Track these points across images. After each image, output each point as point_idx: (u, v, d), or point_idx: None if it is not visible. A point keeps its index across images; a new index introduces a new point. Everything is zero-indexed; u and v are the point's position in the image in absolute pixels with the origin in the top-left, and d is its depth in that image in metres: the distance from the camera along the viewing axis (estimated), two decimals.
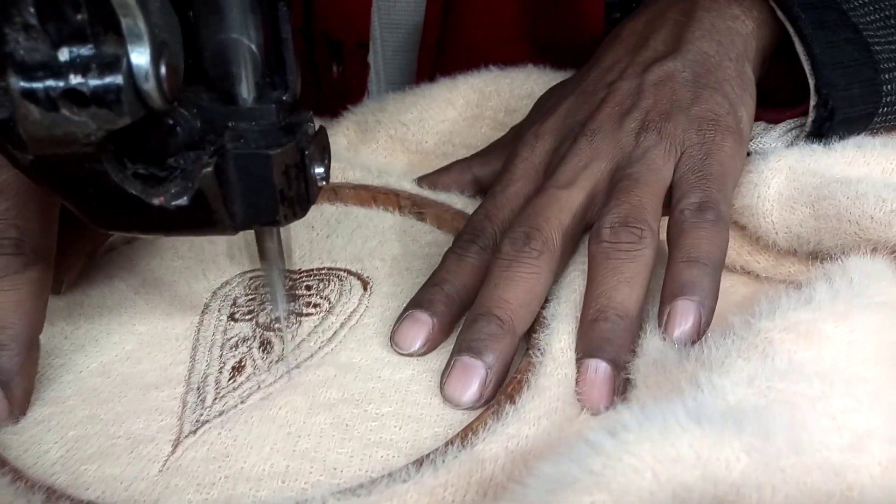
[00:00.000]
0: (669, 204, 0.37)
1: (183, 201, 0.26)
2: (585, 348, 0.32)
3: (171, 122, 0.26)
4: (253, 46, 0.26)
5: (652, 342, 0.31)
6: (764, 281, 0.39)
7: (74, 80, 0.22)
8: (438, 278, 0.37)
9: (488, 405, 0.31)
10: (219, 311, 0.39)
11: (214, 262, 0.43)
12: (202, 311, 0.39)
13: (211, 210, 0.26)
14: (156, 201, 0.26)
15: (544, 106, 0.47)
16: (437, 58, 0.58)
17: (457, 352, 0.33)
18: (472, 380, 0.32)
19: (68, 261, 0.39)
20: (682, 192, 0.36)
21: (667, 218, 0.36)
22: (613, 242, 0.34)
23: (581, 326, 0.33)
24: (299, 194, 0.27)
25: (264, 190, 0.27)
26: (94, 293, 0.41)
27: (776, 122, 0.45)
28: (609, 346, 0.32)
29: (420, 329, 0.35)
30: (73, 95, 0.22)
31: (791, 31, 0.42)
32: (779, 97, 0.45)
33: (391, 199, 0.47)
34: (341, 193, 0.48)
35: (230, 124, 0.26)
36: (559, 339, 0.33)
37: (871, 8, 0.44)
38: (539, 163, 0.41)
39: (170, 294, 0.41)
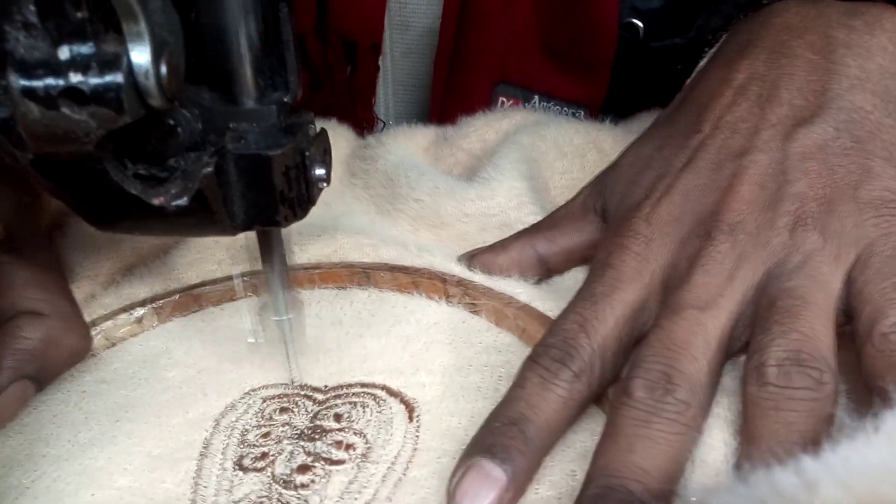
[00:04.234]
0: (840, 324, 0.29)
1: (183, 202, 0.26)
2: None
3: (171, 122, 0.26)
4: (253, 46, 0.25)
5: None
6: None
7: (74, 78, 0.22)
8: (515, 413, 0.28)
9: None
10: (223, 452, 0.30)
11: (218, 372, 0.34)
12: (201, 454, 0.30)
13: (211, 210, 0.26)
14: (156, 201, 0.26)
15: (636, 167, 0.37)
16: (452, 65, 0.58)
17: None
18: None
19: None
20: (874, 308, 0.27)
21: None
22: (783, 387, 0.26)
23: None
24: (300, 195, 0.27)
25: (265, 191, 0.27)
26: (63, 422, 0.31)
27: None
28: None
29: (490, 488, 0.26)
30: (73, 94, 0.22)
31: None
32: None
33: (436, 286, 0.38)
34: (374, 277, 0.39)
35: (231, 125, 0.26)
36: None
37: None
38: (657, 263, 0.32)
39: (160, 424, 0.31)
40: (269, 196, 0.27)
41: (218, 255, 0.41)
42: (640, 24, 0.54)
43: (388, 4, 0.57)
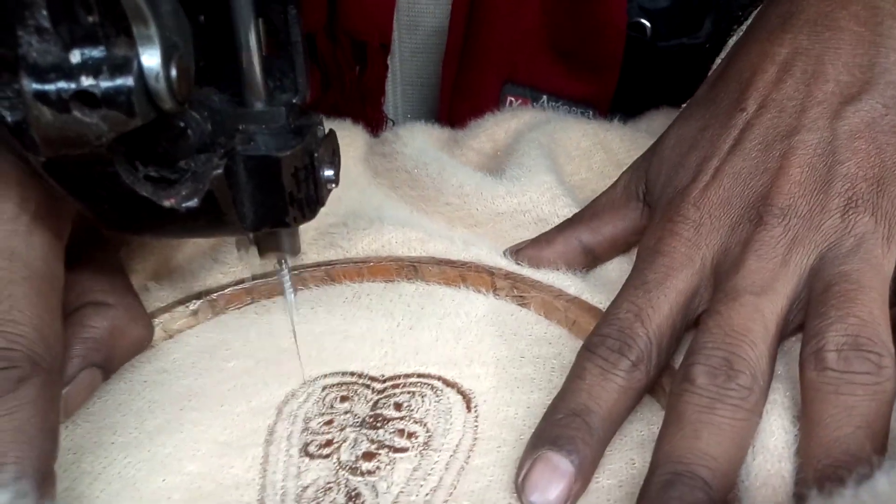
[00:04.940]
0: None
1: (193, 203, 0.26)
2: None
3: (181, 124, 0.26)
4: (261, 48, 0.26)
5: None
6: None
7: (86, 81, 0.22)
8: (578, 404, 0.28)
9: None
10: (288, 439, 0.31)
11: (277, 362, 0.34)
12: (266, 440, 0.31)
13: (221, 212, 0.27)
14: (167, 203, 0.26)
15: (680, 148, 0.37)
16: (460, 64, 0.58)
17: None
18: None
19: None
20: None
21: None
22: (844, 372, 0.26)
23: (805, 483, 0.25)
24: (308, 196, 0.27)
25: (274, 192, 0.27)
26: (128, 411, 0.32)
27: None
28: None
29: (559, 480, 0.27)
30: (84, 97, 0.22)
31: None
32: None
33: (484, 279, 0.38)
34: (422, 270, 0.39)
35: (240, 127, 0.27)
36: None
37: None
38: (708, 248, 0.32)
39: (224, 412, 0.32)
40: (278, 197, 0.27)
41: None
42: (648, 23, 0.54)
43: (397, 4, 0.57)
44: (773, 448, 0.26)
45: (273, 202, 0.27)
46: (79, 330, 0.31)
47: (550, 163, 0.45)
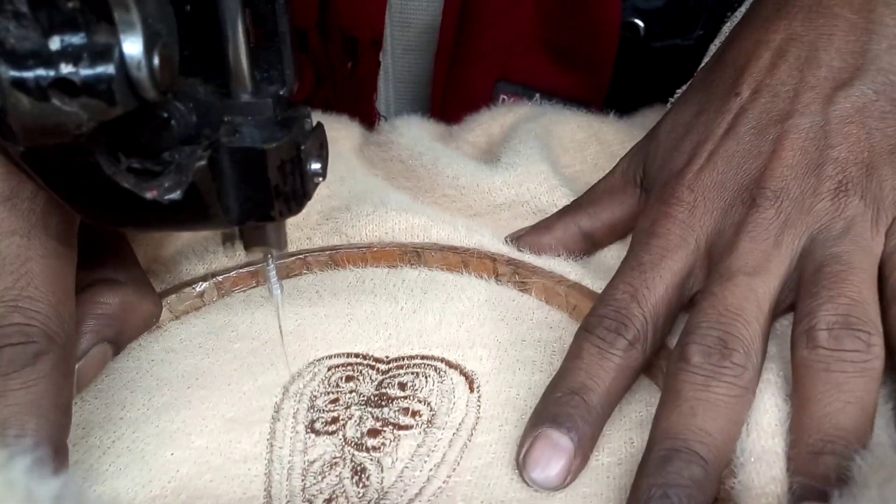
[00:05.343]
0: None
1: (176, 195, 0.25)
2: (807, 490, 0.25)
3: (165, 115, 0.25)
4: (248, 39, 0.25)
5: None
6: None
7: (65, 69, 0.22)
8: (576, 382, 0.29)
9: None
10: (294, 416, 0.31)
11: (282, 344, 0.35)
12: (273, 417, 0.31)
13: (205, 204, 0.26)
14: (149, 195, 0.25)
15: (675, 133, 0.37)
16: (452, 61, 0.57)
17: (646, 500, 0.25)
18: None
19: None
20: None
21: None
22: (834, 350, 0.27)
23: (797, 460, 0.26)
24: (295, 190, 0.27)
25: (259, 185, 0.26)
26: (137, 388, 0.33)
27: None
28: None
29: (559, 456, 0.28)
30: (63, 85, 0.22)
31: None
32: None
33: (486, 265, 0.39)
34: (425, 256, 0.40)
35: (226, 118, 0.26)
36: (765, 491, 0.25)
37: None
38: (702, 230, 0.32)
39: (231, 390, 0.33)
40: (263, 190, 0.26)
41: None
42: (642, 23, 0.54)
43: (388, 1, 0.57)
44: (767, 425, 0.27)
45: (258, 195, 0.26)
46: (91, 306, 0.31)
47: (546, 152, 0.46)
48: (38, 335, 0.26)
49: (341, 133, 0.51)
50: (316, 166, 0.28)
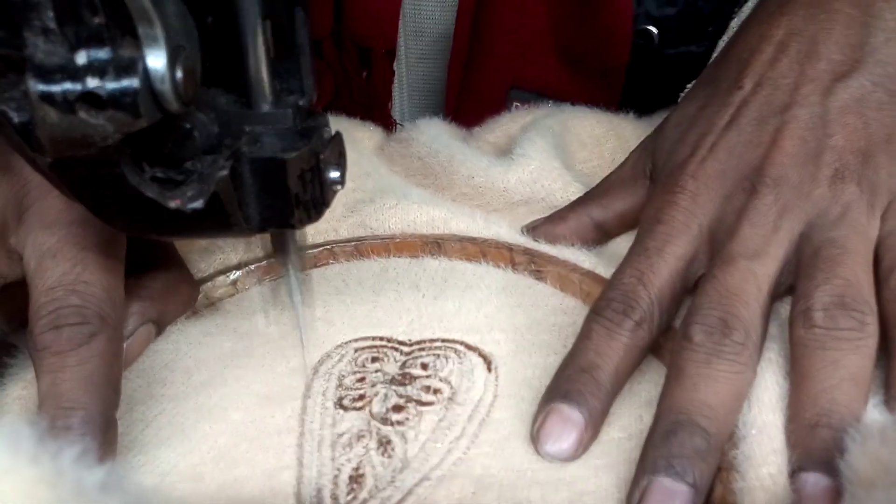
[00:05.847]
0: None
1: (199, 204, 0.26)
2: (804, 460, 0.26)
3: (187, 126, 0.26)
4: (269, 50, 0.26)
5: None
6: None
7: (91, 83, 0.22)
8: (586, 361, 0.31)
9: None
10: (323, 394, 0.33)
11: (312, 329, 0.37)
12: (304, 395, 0.33)
13: (226, 213, 0.27)
14: (172, 204, 0.26)
15: (681, 126, 0.39)
16: (466, 69, 0.58)
17: (652, 470, 0.26)
18: None
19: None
20: (894, 256, 0.30)
21: None
22: (830, 329, 0.28)
23: (795, 433, 0.27)
24: (314, 198, 0.27)
25: (279, 193, 0.27)
26: (176, 368, 0.35)
27: None
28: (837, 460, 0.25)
29: (571, 429, 0.29)
30: (90, 98, 0.22)
31: None
32: None
33: (503, 255, 0.40)
34: (445, 247, 0.41)
35: (247, 128, 0.27)
36: (766, 461, 0.26)
37: None
38: (704, 217, 0.34)
39: (265, 370, 0.35)
40: (284, 199, 0.27)
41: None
42: (655, 30, 0.54)
43: (402, 10, 0.57)
44: (768, 401, 0.29)
45: (279, 204, 0.27)
46: (136, 289, 0.34)
47: (561, 148, 0.47)
48: (93, 317, 0.28)
49: (365, 134, 0.53)
50: (335, 175, 0.28)
